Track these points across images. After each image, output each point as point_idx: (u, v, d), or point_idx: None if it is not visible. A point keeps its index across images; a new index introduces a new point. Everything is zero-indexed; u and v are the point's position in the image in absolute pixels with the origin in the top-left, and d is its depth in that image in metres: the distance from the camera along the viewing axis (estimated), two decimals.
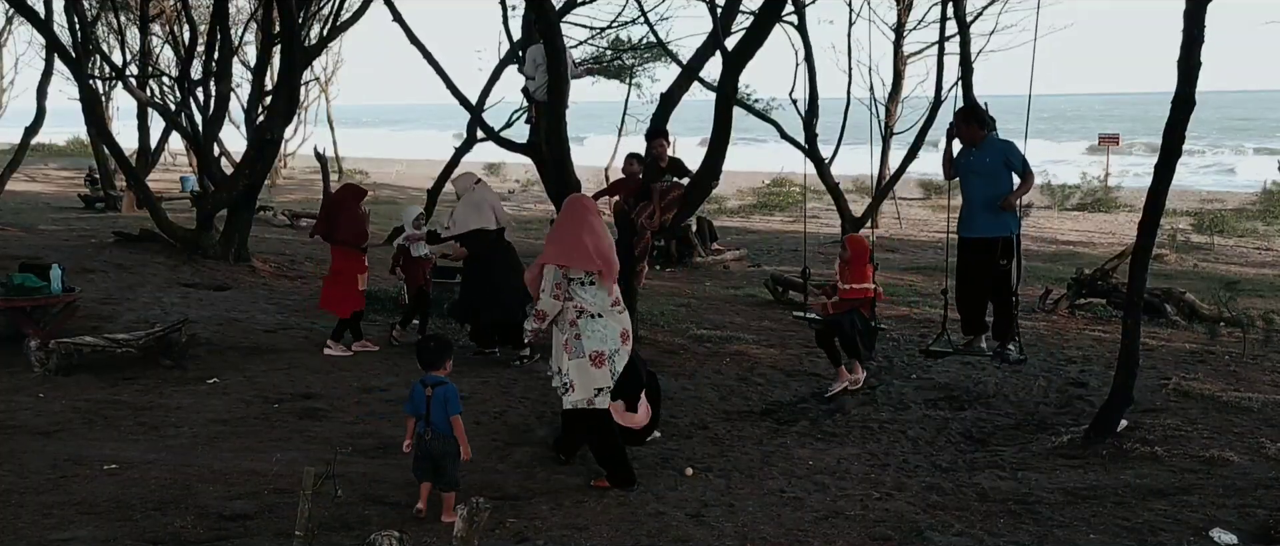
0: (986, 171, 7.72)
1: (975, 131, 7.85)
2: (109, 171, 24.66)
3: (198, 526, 5.14)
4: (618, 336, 5.97)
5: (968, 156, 7.88)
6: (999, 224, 7.73)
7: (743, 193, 29.46)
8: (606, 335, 5.93)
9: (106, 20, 24.20)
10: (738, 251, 17.76)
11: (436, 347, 5.65)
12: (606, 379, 5.95)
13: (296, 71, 14.26)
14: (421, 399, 5.44)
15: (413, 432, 5.52)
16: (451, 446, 5.44)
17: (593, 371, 5.91)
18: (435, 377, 5.51)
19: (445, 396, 5.41)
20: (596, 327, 5.91)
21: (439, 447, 5.42)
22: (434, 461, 5.44)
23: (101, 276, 12.33)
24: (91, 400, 7.45)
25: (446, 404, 5.39)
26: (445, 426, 5.42)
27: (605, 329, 5.93)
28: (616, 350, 5.97)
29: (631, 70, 23.35)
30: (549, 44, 9.02)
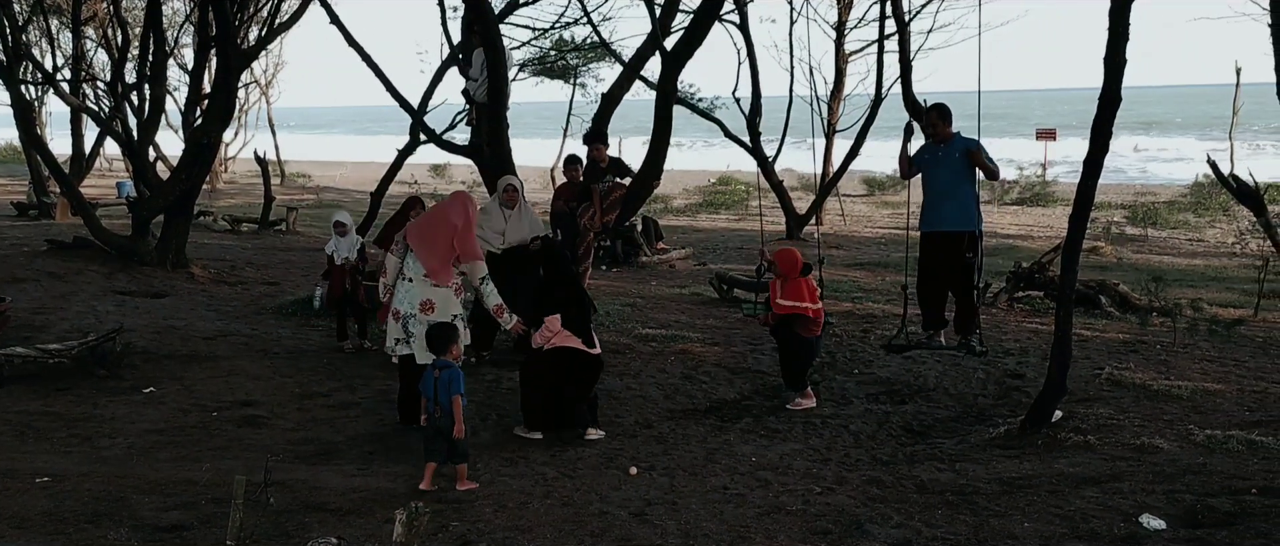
0: (953, 166, 7.80)
1: (946, 129, 7.93)
2: (42, 178, 24.11)
3: (133, 538, 5.05)
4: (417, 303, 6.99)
5: (935, 151, 7.96)
6: (964, 218, 7.82)
7: (689, 191, 29.58)
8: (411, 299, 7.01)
9: (38, 24, 23.69)
10: (684, 251, 17.82)
11: (444, 334, 6.28)
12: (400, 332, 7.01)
13: (233, 74, 14.06)
14: (431, 381, 6.03)
15: (425, 410, 6.09)
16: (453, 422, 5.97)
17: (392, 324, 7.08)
18: (443, 361, 6.11)
19: (450, 378, 5.97)
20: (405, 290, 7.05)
21: (447, 425, 5.95)
22: (444, 437, 5.97)
23: (34, 285, 12.05)
24: (23, 412, 7.29)
25: (450, 385, 5.94)
26: (449, 403, 5.94)
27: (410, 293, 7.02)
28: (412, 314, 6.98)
29: (576, 71, 23.39)
30: (488, 46, 9.00)
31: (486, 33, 8.88)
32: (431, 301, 6.96)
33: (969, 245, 7.78)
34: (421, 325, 6.83)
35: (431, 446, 6.01)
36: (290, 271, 15.12)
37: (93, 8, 22.67)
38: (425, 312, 6.94)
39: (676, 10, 10.20)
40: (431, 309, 6.94)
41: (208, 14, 15.91)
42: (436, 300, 6.98)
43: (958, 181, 7.77)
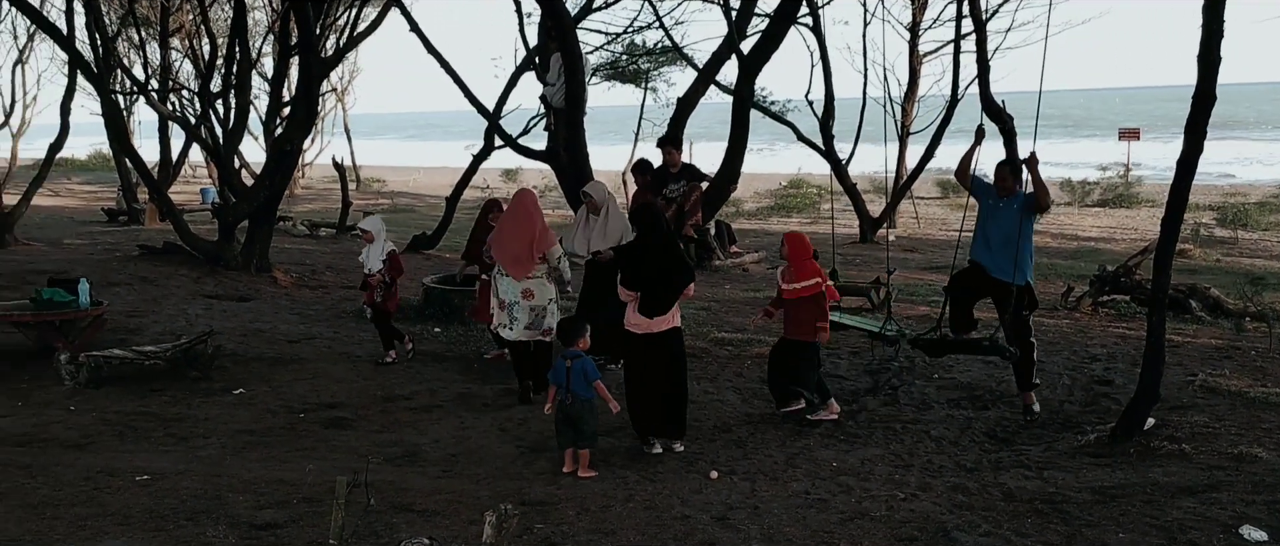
0: (1012, 220, 7.50)
1: (1014, 186, 7.68)
2: (131, 185, 24.89)
3: (230, 536, 5.19)
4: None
5: (997, 201, 7.71)
6: (1016, 271, 7.58)
7: (760, 195, 29.43)
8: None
9: (127, 36, 24.44)
10: (757, 254, 17.73)
11: (574, 326, 6.64)
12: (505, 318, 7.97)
13: (315, 82, 14.36)
14: (562, 370, 6.38)
15: (554, 399, 6.44)
16: (587, 409, 6.34)
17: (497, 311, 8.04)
18: (573, 352, 6.44)
19: (583, 368, 6.34)
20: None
21: (577, 411, 6.32)
22: (573, 423, 6.34)
23: (127, 289, 12.45)
24: (121, 412, 7.54)
25: (585, 373, 6.33)
26: (583, 391, 6.32)
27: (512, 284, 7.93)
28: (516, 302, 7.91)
29: (647, 75, 23.41)
30: (565, 51, 9.06)
31: (564, 39, 8.95)
32: (531, 290, 7.94)
33: (1021, 298, 7.53)
34: (524, 310, 7.91)
35: (563, 433, 6.40)
36: None
37: (179, 20, 23.38)
38: (526, 299, 7.94)
39: (752, 15, 10.17)
40: (532, 295, 7.95)
41: (289, 23, 16.31)
42: (534, 289, 7.96)
43: (1014, 236, 7.50)
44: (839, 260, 17.10)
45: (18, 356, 9.11)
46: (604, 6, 15.38)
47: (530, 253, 7.88)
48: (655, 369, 6.87)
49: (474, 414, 7.80)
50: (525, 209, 8.06)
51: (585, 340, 6.57)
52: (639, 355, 6.95)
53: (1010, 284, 7.45)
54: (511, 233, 8.03)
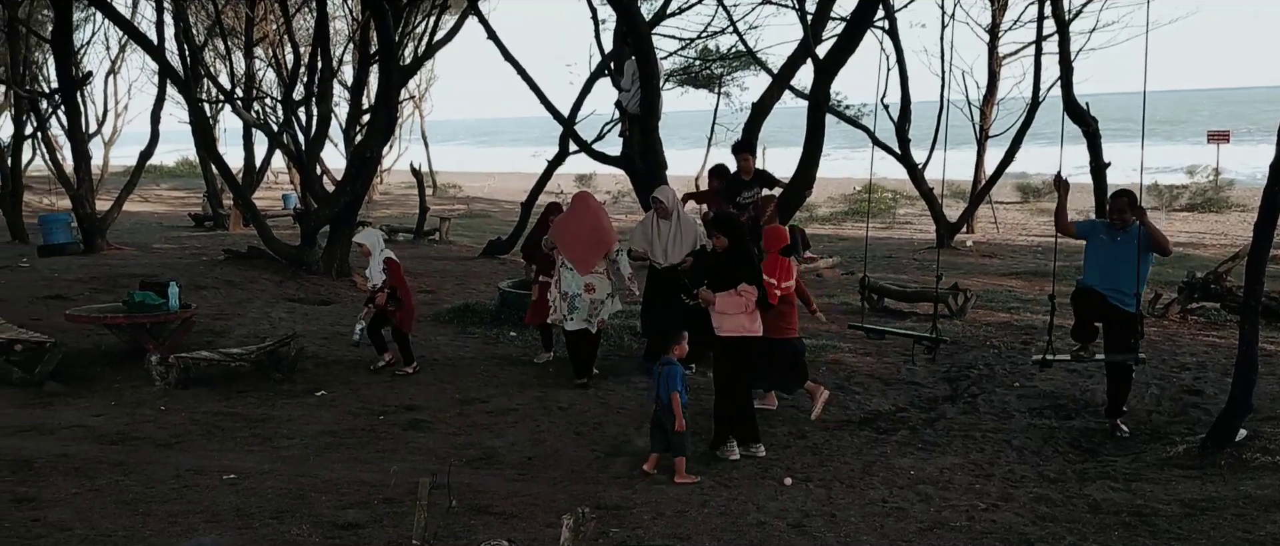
0: (1130, 255, 7.30)
1: (1131, 218, 7.41)
2: (217, 191, 25.59)
3: (314, 534, 5.30)
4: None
5: (1114, 235, 7.46)
6: (1129, 301, 7.37)
7: (834, 199, 29.20)
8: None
9: (213, 46, 25.14)
10: (831, 259, 17.60)
11: (670, 334, 6.67)
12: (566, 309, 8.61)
13: (394, 90, 14.62)
14: (656, 375, 6.45)
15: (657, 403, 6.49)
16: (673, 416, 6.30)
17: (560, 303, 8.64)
18: (667, 359, 6.47)
19: (669, 375, 6.34)
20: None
21: (668, 419, 6.32)
22: (664, 431, 6.37)
23: (213, 293, 12.79)
24: (209, 412, 7.75)
25: (670, 381, 6.32)
26: (669, 398, 6.31)
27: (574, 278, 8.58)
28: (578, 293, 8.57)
29: (720, 80, 23.41)
30: (641, 56, 9.09)
31: (640, 45, 8.98)
32: (592, 284, 8.56)
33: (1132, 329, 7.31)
34: (584, 303, 8.55)
35: (655, 437, 6.46)
36: (445, 280, 15.61)
37: (263, 30, 23.99)
38: (588, 293, 8.55)
39: (827, 19, 10.09)
40: (592, 290, 8.58)
41: (369, 32, 16.64)
42: (595, 283, 8.57)
43: (1131, 270, 7.25)
44: (915, 265, 16.94)
45: (111, 357, 9.43)
46: (678, 12, 15.43)
47: (596, 249, 8.53)
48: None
49: (549, 417, 7.86)
50: (590, 208, 8.76)
51: (681, 347, 6.61)
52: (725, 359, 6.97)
53: (1124, 310, 7.25)
54: (578, 230, 8.60)
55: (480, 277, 15.93)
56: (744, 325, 6.83)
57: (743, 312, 6.80)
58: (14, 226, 20.93)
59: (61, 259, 17.06)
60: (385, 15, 13.44)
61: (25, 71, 22.41)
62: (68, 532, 5.20)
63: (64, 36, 17.63)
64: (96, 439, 6.98)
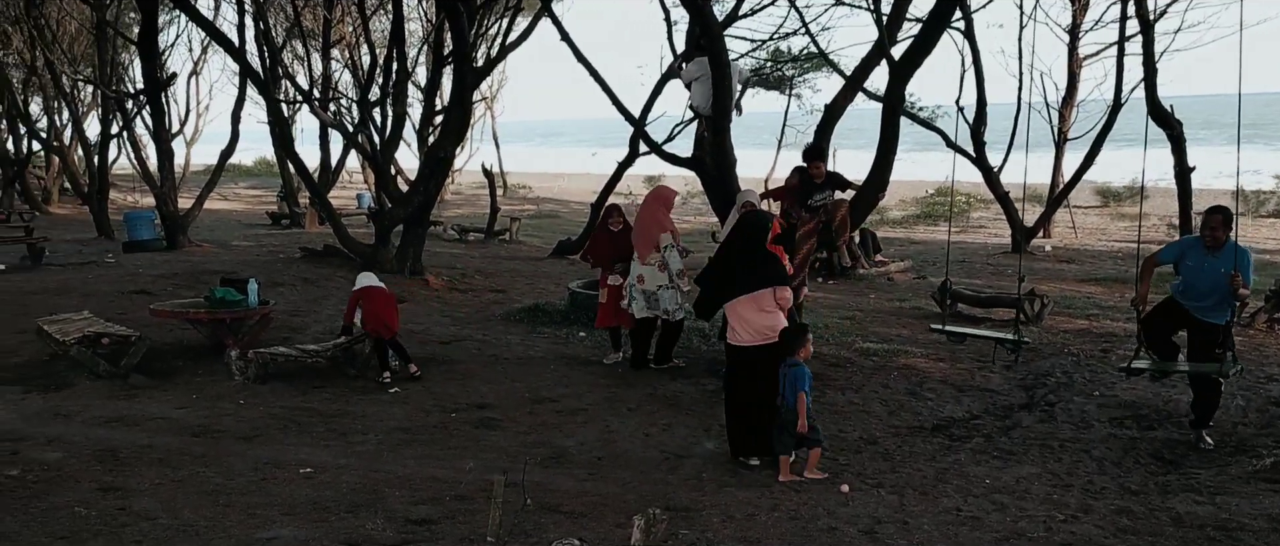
0: (1220, 280, 7.05)
1: (1224, 235, 7.19)
2: (293, 190, 26.12)
3: (387, 529, 5.38)
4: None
5: (1204, 257, 7.24)
6: (1219, 314, 7.16)
7: (906, 203, 28.84)
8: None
9: (291, 48, 25.65)
10: (902, 263, 17.38)
11: (797, 334, 6.62)
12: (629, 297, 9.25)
13: (468, 91, 14.78)
14: (782, 377, 6.44)
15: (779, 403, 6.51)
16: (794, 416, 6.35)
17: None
18: (792, 360, 6.46)
19: (795, 376, 6.36)
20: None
21: (792, 419, 6.35)
22: (788, 429, 6.39)
23: (290, 289, 13.05)
24: (286, 407, 7.91)
25: (796, 382, 6.33)
26: (793, 399, 6.34)
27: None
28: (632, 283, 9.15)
29: (791, 81, 23.27)
30: (714, 60, 9.07)
31: (713, 46, 8.96)
32: (643, 275, 9.07)
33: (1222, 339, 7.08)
34: (639, 294, 9.06)
35: (780, 440, 6.44)
36: (516, 279, 15.74)
37: (339, 32, 24.43)
38: (640, 284, 9.07)
39: (903, 19, 9.96)
40: (643, 281, 9.09)
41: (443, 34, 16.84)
42: (645, 275, 9.06)
43: (1225, 286, 7.02)
44: (989, 270, 16.65)
45: (193, 351, 9.67)
46: (750, 13, 15.37)
47: (644, 240, 8.93)
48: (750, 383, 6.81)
49: (619, 418, 7.87)
50: (661, 198, 9.19)
51: (807, 349, 6.61)
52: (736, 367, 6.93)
53: (1215, 325, 7.05)
54: (642, 218, 9.06)
55: (550, 278, 16.03)
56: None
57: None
58: (100, 223, 21.61)
59: (145, 255, 17.57)
60: (460, 17, 13.59)
61: (113, 73, 23.12)
62: (152, 521, 5.34)
63: (150, 39, 18.15)
64: (179, 431, 7.16)
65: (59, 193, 30.82)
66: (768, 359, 6.69)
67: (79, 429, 7.08)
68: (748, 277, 6.73)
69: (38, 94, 28.23)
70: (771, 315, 6.73)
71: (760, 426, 6.73)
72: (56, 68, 23.54)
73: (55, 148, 27.61)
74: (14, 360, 9.28)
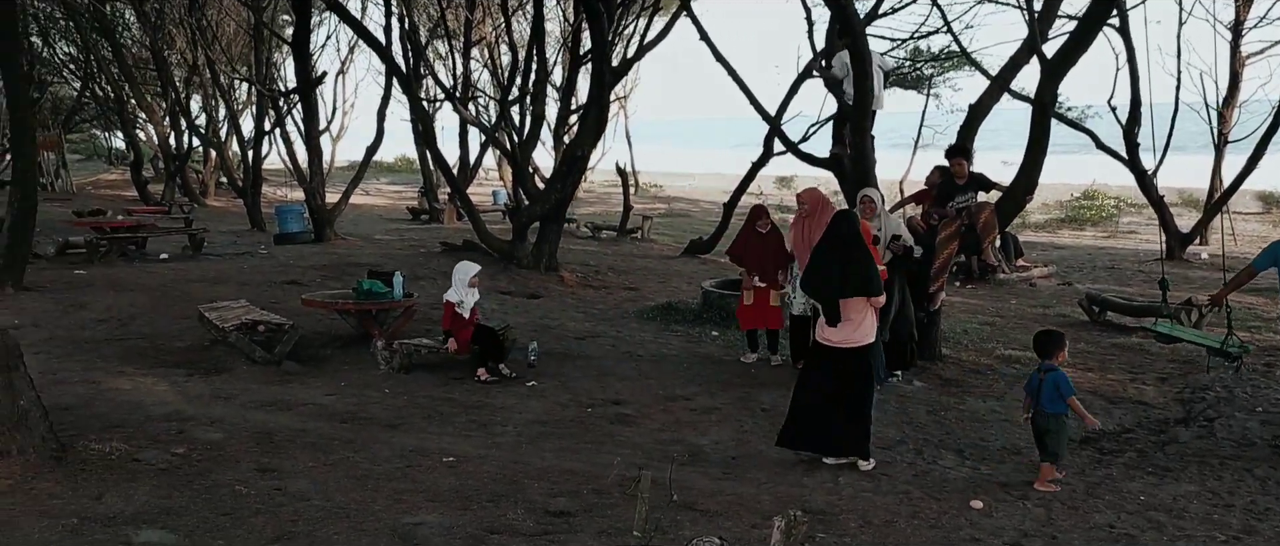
0: None
1: None
2: (433, 186, 26.87)
3: (528, 519, 5.48)
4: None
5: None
6: None
7: (1048, 206, 27.83)
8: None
9: (433, 48, 26.40)
10: (1045, 268, 16.79)
11: (1050, 339, 6.50)
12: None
13: (606, 90, 14.93)
14: (1035, 382, 6.35)
15: (1027, 407, 6.47)
16: (1053, 424, 6.26)
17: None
18: (1048, 365, 6.35)
19: (1055, 381, 6.24)
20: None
21: (1043, 424, 6.29)
22: (1039, 435, 6.32)
23: (430, 283, 13.42)
24: (429, 397, 8.14)
25: (1058, 387, 6.22)
26: (1051, 406, 6.23)
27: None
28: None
29: (930, 81, 22.74)
30: (856, 57, 8.93)
31: (855, 44, 8.82)
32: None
33: None
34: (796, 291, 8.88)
35: (1048, 447, 6.33)
36: (648, 277, 15.84)
37: (480, 32, 25.03)
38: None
39: (1054, 16, 9.61)
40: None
41: (580, 34, 17.07)
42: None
43: None
44: (1141, 277, 15.93)
45: (340, 341, 10.05)
46: (891, 11, 15.07)
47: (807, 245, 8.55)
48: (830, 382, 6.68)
49: (752, 418, 7.84)
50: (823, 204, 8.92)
51: (1063, 354, 6.47)
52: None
53: None
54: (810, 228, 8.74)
55: (682, 276, 16.07)
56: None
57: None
58: (253, 216, 22.66)
59: (294, 247, 18.35)
60: (600, 17, 13.74)
61: (267, 72, 24.22)
62: (306, 502, 5.57)
63: (303, 39, 18.93)
64: (329, 416, 7.45)
65: (215, 186, 32.46)
66: (850, 361, 6.61)
67: (237, 411, 7.44)
68: (842, 280, 6.61)
69: (197, 92, 29.76)
70: (861, 320, 6.60)
71: (819, 424, 6.66)
72: (215, 67, 24.79)
73: (213, 143, 29.07)
74: (178, 344, 9.81)
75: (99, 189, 34.72)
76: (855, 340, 6.62)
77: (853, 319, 6.58)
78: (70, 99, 36.11)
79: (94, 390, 7.91)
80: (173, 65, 28.02)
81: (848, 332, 6.59)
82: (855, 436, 6.64)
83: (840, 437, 6.65)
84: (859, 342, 6.62)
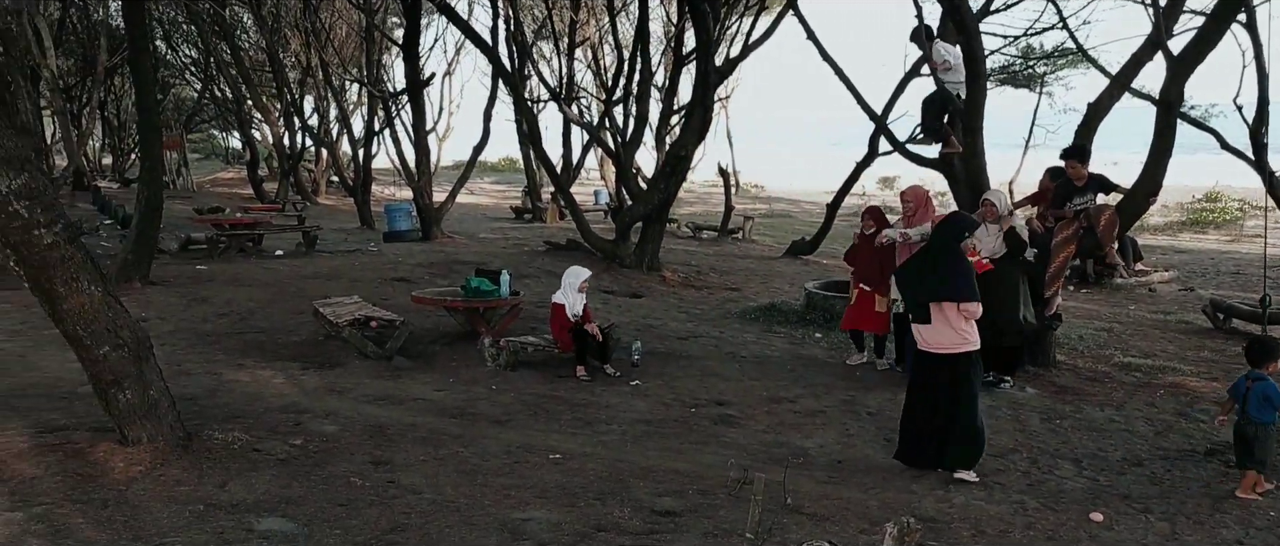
0: None
1: None
2: (536, 185, 27.21)
3: (634, 518, 5.50)
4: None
5: None
6: None
7: (1168, 208, 26.81)
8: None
9: (538, 48, 26.73)
10: (1166, 273, 16.18)
11: (1262, 349, 6.37)
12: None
13: (711, 90, 14.90)
14: (1242, 388, 6.23)
15: (1228, 411, 6.45)
16: (1261, 432, 6.12)
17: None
18: (1257, 373, 6.22)
19: (1265, 392, 6.11)
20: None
21: (1249, 432, 6.16)
22: (1244, 443, 6.18)
23: (534, 281, 13.59)
24: (534, 394, 8.23)
25: (1268, 397, 6.09)
26: (1261, 414, 6.11)
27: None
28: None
29: (1042, 79, 22.12)
30: (968, 53, 8.73)
31: (968, 42, 8.62)
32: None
33: None
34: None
35: (1247, 456, 6.20)
36: (750, 278, 15.77)
37: (584, 33, 25.24)
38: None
39: (1180, 12, 9.23)
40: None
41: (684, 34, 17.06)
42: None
43: None
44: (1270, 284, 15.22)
45: (448, 337, 10.23)
46: (1004, 8, 14.68)
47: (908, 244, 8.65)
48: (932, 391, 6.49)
49: (858, 421, 7.74)
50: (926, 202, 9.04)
51: (1275, 364, 6.30)
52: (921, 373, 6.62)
53: None
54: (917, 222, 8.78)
55: (783, 277, 15.96)
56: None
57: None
58: (363, 214, 23.27)
59: (402, 245, 18.78)
60: (706, 17, 13.72)
61: (377, 73, 24.84)
62: (418, 496, 5.68)
63: (412, 42, 19.36)
64: (438, 411, 7.59)
65: (326, 184, 33.42)
66: (947, 369, 6.38)
67: (351, 405, 7.64)
68: (936, 283, 6.42)
69: (310, 92, 30.68)
70: (953, 326, 6.34)
71: (927, 436, 6.48)
72: (328, 68, 25.52)
73: (325, 142, 29.94)
74: (293, 339, 10.12)
75: (216, 187, 36.11)
76: (948, 345, 6.37)
77: (948, 324, 6.34)
78: (191, 100, 37.63)
79: (216, 381, 8.21)
80: (287, 67, 28.94)
81: (943, 337, 6.37)
82: (963, 447, 6.44)
83: (948, 448, 6.47)
84: (953, 349, 6.37)
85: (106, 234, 19.34)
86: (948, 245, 6.49)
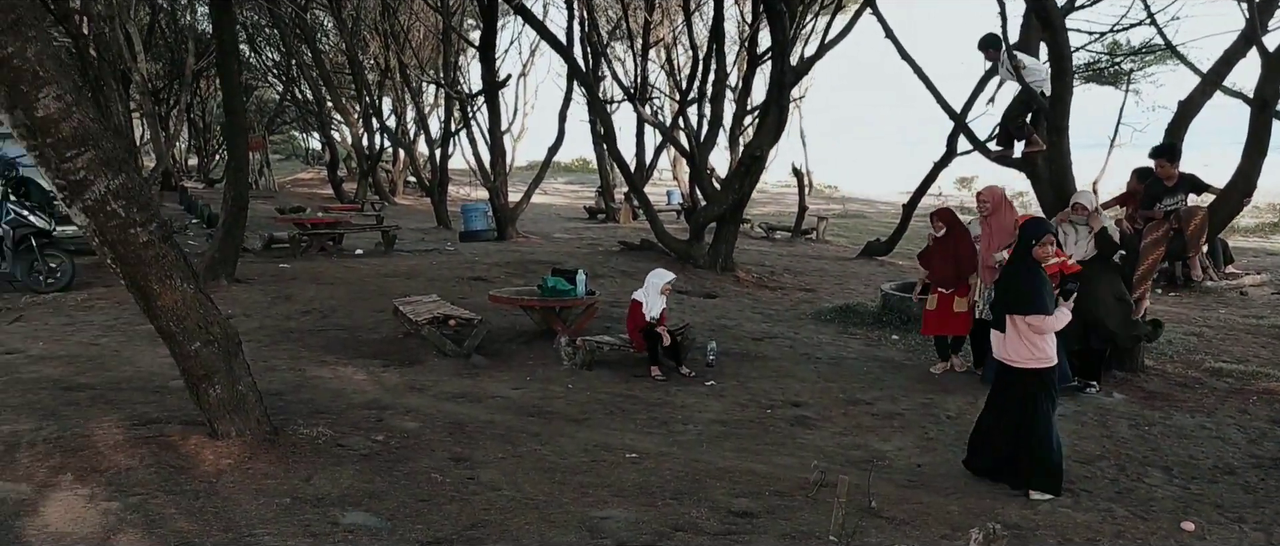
0: None
1: None
2: (609, 185, 27.33)
3: (711, 518, 5.49)
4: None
5: None
6: None
7: (1260, 209, 25.94)
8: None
9: (612, 49, 26.87)
10: (1258, 276, 15.65)
11: None
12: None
13: (786, 90, 14.81)
14: None
15: None
16: None
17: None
18: None
19: None
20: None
21: None
22: None
23: (609, 281, 13.64)
24: (610, 393, 8.26)
25: None
26: None
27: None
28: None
29: (1129, 76, 21.57)
30: (1054, 50, 8.55)
31: (1054, 39, 8.44)
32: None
33: None
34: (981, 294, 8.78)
35: None
36: (824, 279, 15.64)
37: (657, 34, 25.27)
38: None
39: (1276, 7, 8.92)
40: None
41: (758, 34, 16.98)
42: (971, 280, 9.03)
43: None
44: None
45: (525, 336, 10.32)
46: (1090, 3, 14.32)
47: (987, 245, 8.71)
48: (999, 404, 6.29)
49: (937, 425, 7.62)
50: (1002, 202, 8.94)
51: None
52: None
53: None
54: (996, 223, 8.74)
55: (858, 278, 15.81)
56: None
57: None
58: (439, 214, 23.59)
59: (479, 244, 19.01)
60: (782, 16, 13.64)
61: (454, 74, 25.18)
62: (497, 492, 5.74)
63: (489, 43, 19.57)
64: (516, 410, 7.66)
65: (403, 184, 33.96)
66: (1019, 384, 6.13)
67: (431, 402, 7.75)
68: (1002, 292, 6.23)
69: (389, 94, 31.21)
70: (1024, 339, 6.05)
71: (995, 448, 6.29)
72: (406, 70, 25.92)
73: (402, 143, 30.43)
74: (374, 336, 10.29)
75: (297, 187, 36.93)
76: (1018, 359, 6.10)
77: (1019, 336, 6.07)
78: (273, 102, 38.56)
79: (300, 377, 8.39)
80: (367, 69, 29.48)
81: (1014, 351, 6.10)
82: (1039, 469, 6.14)
83: (1021, 467, 6.21)
84: (1023, 363, 6.08)
85: (193, 233, 19.91)
86: (1019, 252, 6.28)
